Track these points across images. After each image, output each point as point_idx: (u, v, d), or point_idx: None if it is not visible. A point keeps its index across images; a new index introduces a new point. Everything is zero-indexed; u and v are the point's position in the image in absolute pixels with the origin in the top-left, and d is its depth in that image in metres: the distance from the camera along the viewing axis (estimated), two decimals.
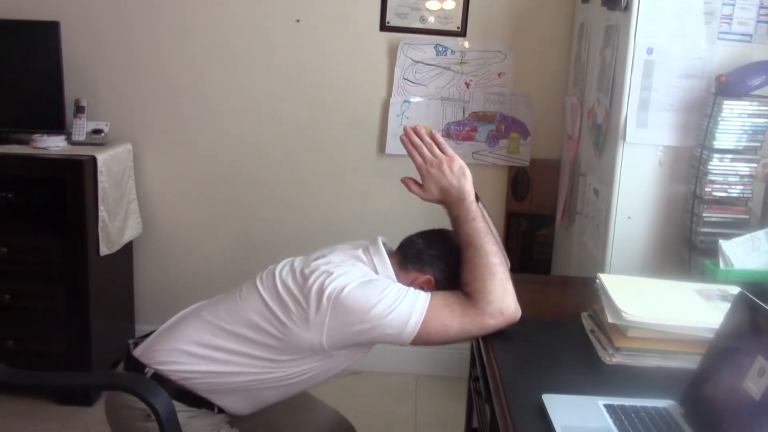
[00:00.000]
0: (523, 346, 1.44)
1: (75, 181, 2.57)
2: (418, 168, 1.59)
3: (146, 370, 1.56)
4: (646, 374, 1.30)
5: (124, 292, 3.03)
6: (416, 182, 1.60)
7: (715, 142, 1.89)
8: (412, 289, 1.49)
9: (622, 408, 1.13)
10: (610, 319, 1.36)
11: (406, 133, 1.60)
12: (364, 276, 1.51)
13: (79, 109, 2.78)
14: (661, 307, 1.39)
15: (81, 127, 2.78)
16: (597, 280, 1.51)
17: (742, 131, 1.90)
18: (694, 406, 1.12)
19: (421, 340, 1.46)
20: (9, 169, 2.65)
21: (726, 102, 1.86)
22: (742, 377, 1.03)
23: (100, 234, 2.66)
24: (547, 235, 2.95)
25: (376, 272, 1.56)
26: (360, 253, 1.60)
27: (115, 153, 2.77)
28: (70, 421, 2.62)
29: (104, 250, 2.69)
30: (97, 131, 2.80)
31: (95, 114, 2.87)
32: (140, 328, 3.10)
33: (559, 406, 1.12)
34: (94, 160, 2.61)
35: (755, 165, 1.91)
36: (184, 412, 1.51)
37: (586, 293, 1.74)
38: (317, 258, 1.57)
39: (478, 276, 1.47)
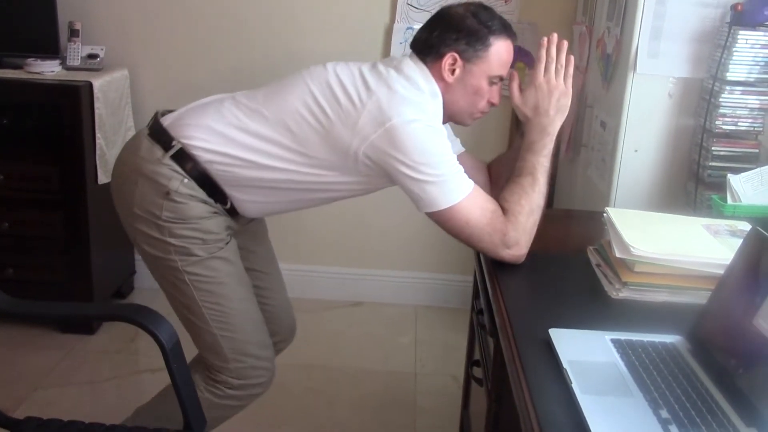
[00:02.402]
0: (528, 279, 1.43)
1: (71, 107, 2.52)
2: (535, 76, 1.54)
3: (173, 143, 1.54)
4: (653, 309, 1.29)
5: None
6: (520, 84, 1.57)
7: (727, 74, 1.84)
8: (462, 171, 1.47)
9: (629, 343, 1.12)
10: (617, 254, 1.35)
11: (550, 40, 1.54)
12: (432, 118, 1.50)
13: (73, 33, 2.71)
14: (669, 242, 1.37)
15: (75, 52, 2.72)
16: (604, 214, 1.49)
17: (754, 62, 1.85)
18: (702, 341, 1.12)
19: (439, 219, 1.47)
20: (2, 94, 2.59)
21: (741, 32, 1.81)
22: (752, 314, 1.02)
23: (98, 162, 2.62)
24: (550, 167, 2.91)
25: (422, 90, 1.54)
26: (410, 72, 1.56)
27: (112, 79, 2.71)
28: (72, 350, 2.64)
29: (102, 178, 2.66)
30: (92, 56, 2.73)
31: (90, 38, 2.80)
32: (140, 258, 3.09)
33: (565, 341, 1.11)
34: (90, 85, 2.56)
35: (767, 98, 1.87)
36: (203, 206, 1.53)
37: (590, 227, 1.73)
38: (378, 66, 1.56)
39: (522, 203, 1.47)
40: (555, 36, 1.55)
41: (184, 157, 1.53)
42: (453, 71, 1.56)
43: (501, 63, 1.59)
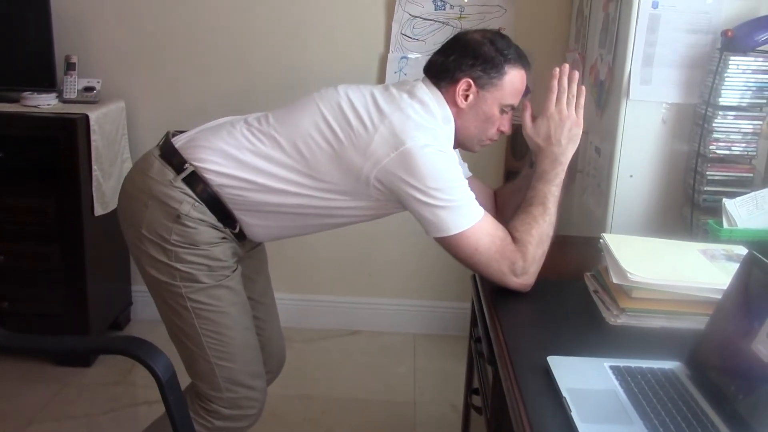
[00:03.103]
0: (526, 306, 1.43)
1: (67, 140, 2.53)
2: (546, 107, 1.55)
3: (185, 165, 1.54)
4: (652, 335, 1.29)
5: (119, 253, 3.00)
6: (532, 113, 1.58)
7: (720, 99, 1.85)
8: (474, 197, 1.47)
9: (628, 369, 1.12)
10: (614, 280, 1.34)
11: (562, 71, 1.55)
12: (443, 144, 1.50)
13: (69, 66, 2.73)
14: (666, 268, 1.37)
15: (72, 85, 2.73)
16: (601, 240, 1.49)
17: (746, 88, 1.86)
18: (701, 367, 1.11)
19: (447, 244, 1.47)
20: None
21: (732, 57, 1.83)
22: (751, 338, 1.02)
23: (94, 194, 2.62)
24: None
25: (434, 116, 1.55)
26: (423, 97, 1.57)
27: (108, 111, 2.72)
28: (68, 383, 2.62)
29: (99, 210, 2.66)
30: (88, 89, 2.75)
31: (86, 71, 2.81)
32: (136, 289, 3.08)
33: (564, 368, 1.11)
34: (86, 118, 2.56)
35: (760, 122, 1.88)
36: (213, 231, 1.53)
37: (587, 253, 1.72)
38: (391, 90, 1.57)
39: (532, 233, 1.47)
40: (566, 67, 1.56)
41: (195, 180, 1.53)
42: (466, 97, 1.57)
43: (514, 92, 1.60)
